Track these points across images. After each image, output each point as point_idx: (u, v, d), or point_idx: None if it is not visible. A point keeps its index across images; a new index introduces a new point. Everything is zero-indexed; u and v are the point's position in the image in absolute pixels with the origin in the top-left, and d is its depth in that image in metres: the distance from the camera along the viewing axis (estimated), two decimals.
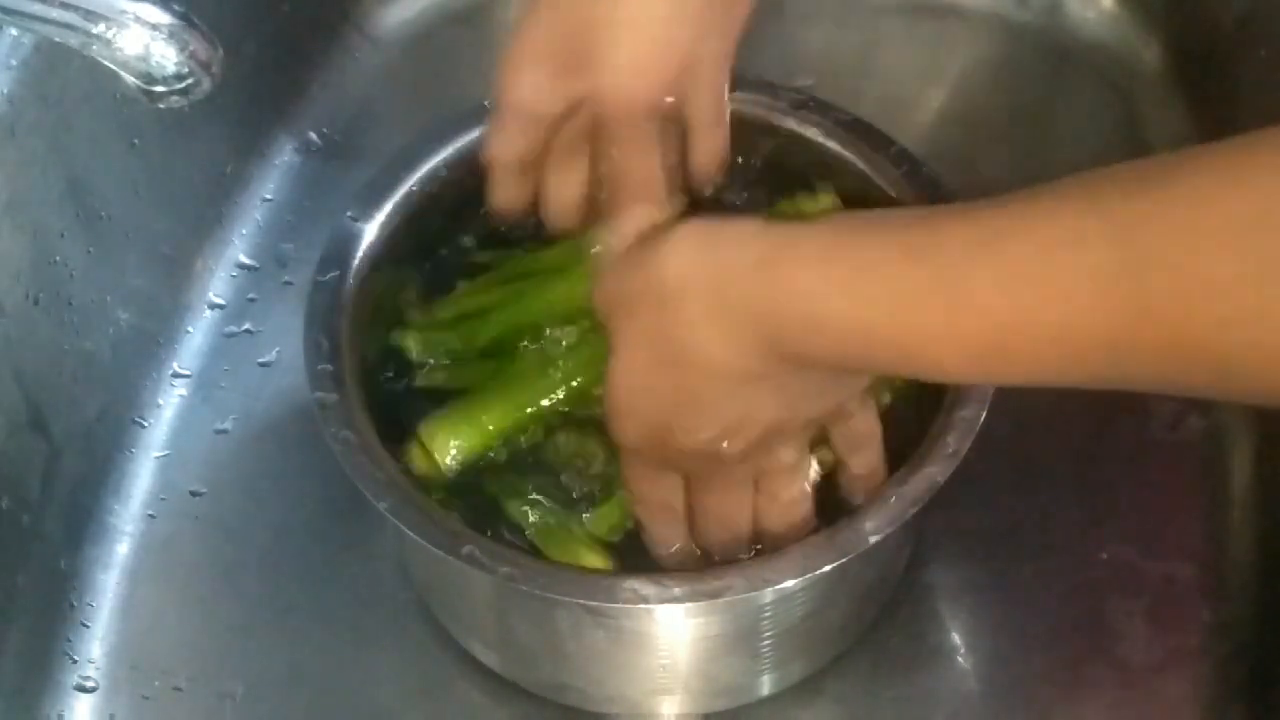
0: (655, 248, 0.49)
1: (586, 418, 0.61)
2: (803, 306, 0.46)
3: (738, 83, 0.62)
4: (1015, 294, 0.42)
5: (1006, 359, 0.43)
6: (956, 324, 0.43)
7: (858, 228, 0.47)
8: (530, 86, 0.58)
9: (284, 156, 0.82)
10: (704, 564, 0.58)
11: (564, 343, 0.61)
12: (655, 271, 0.49)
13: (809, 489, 0.57)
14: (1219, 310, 0.38)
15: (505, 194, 0.62)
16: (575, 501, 0.60)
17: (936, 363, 0.45)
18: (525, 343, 0.62)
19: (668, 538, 0.58)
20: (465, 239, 0.67)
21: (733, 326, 0.48)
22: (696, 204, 0.62)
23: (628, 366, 0.51)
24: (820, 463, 0.58)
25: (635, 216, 0.56)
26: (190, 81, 0.50)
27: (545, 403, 0.61)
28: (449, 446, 0.60)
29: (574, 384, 0.61)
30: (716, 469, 0.54)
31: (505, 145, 0.61)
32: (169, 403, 0.74)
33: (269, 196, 0.81)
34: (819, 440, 0.57)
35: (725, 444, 0.52)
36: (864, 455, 0.57)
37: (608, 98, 0.58)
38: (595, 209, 0.61)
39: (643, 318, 0.50)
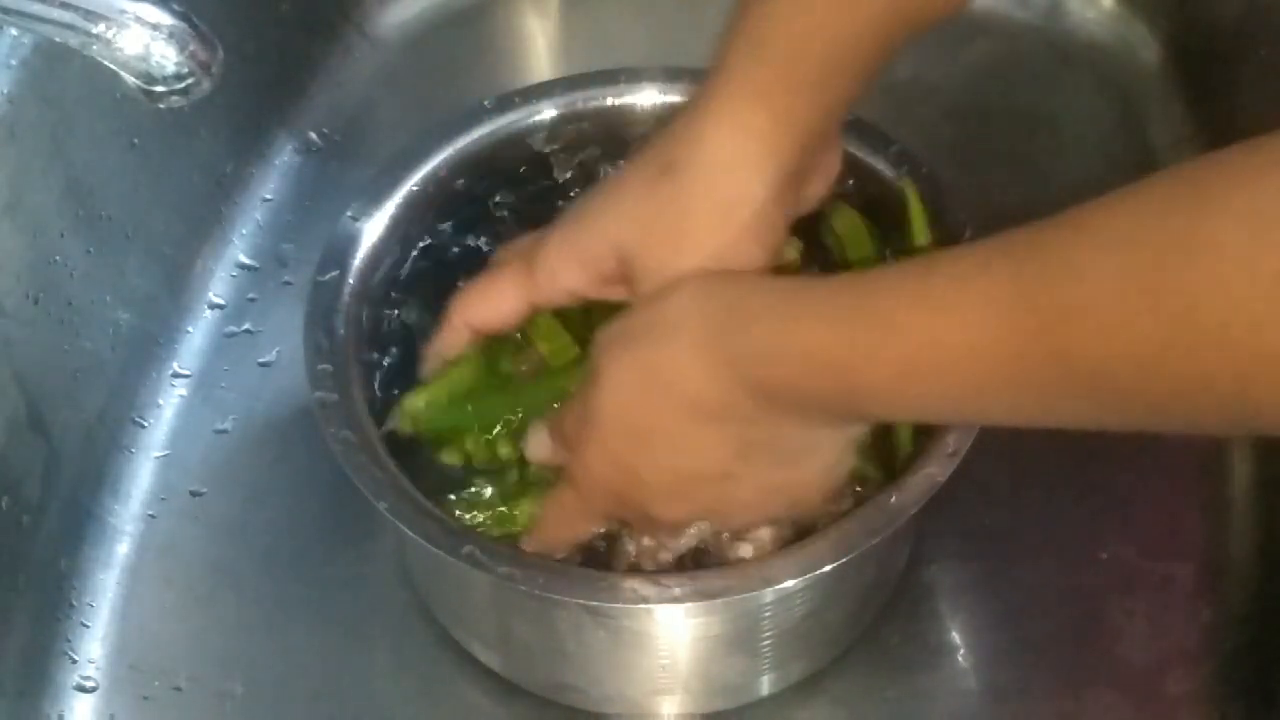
0: (663, 293, 0.54)
1: None
2: (767, 334, 0.51)
3: None
4: (929, 316, 0.46)
5: (924, 380, 0.47)
6: (883, 345, 0.47)
7: (821, 278, 0.53)
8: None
9: (284, 156, 0.82)
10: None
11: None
12: (658, 311, 0.54)
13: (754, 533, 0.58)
14: (1093, 326, 0.41)
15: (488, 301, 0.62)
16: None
17: (869, 386, 0.48)
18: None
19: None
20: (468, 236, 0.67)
21: (711, 360, 0.51)
22: None
23: (613, 390, 0.54)
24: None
25: None
26: (190, 81, 0.50)
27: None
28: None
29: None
30: (653, 526, 0.57)
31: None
32: (169, 403, 0.74)
33: (269, 196, 0.81)
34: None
35: (681, 504, 0.55)
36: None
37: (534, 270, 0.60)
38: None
39: (637, 350, 0.53)
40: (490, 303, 0.61)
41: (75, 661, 0.66)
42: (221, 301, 0.77)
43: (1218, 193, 0.38)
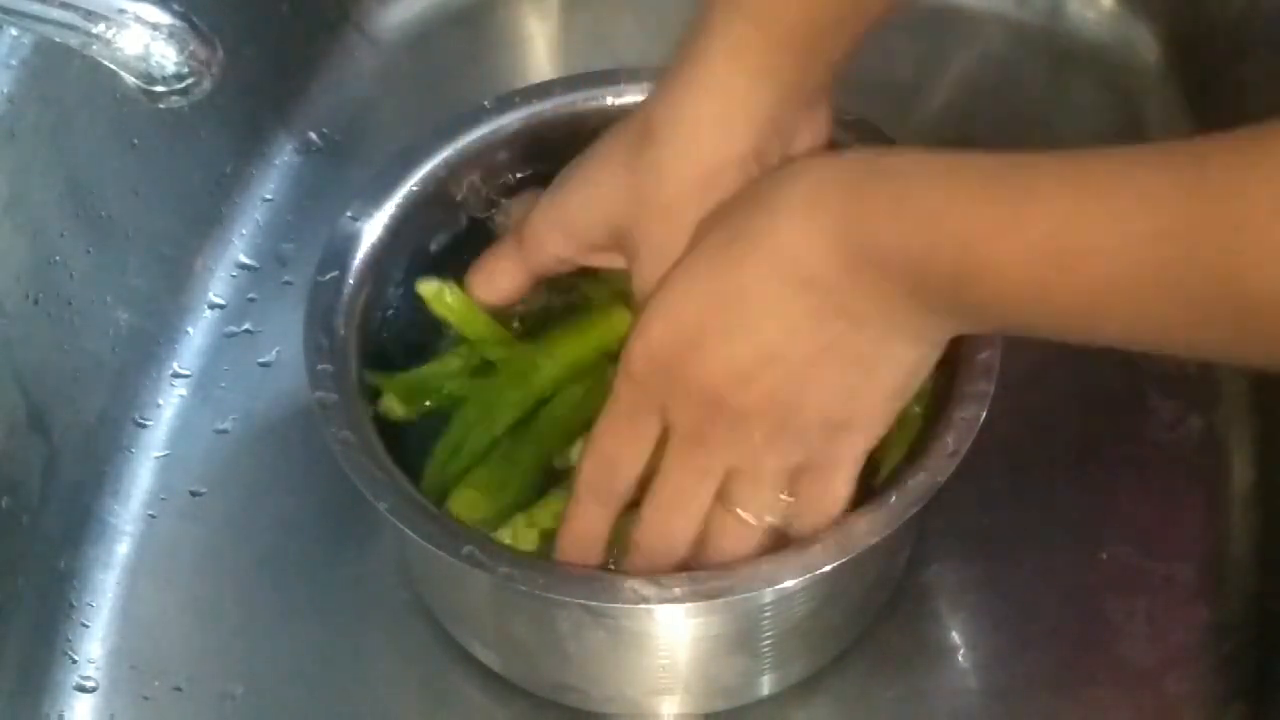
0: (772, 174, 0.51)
1: None
2: (888, 188, 0.47)
3: None
4: (1084, 200, 0.42)
5: (1056, 269, 0.43)
6: (1023, 220, 0.43)
7: (959, 152, 0.47)
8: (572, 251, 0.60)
9: (284, 156, 0.82)
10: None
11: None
12: (768, 181, 0.50)
13: (764, 522, 0.55)
14: (1262, 249, 0.38)
15: (493, 280, 0.62)
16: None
17: (993, 265, 0.44)
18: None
19: (594, 524, 0.56)
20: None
21: (820, 217, 0.48)
22: None
23: (694, 262, 0.51)
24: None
25: None
26: (190, 81, 0.50)
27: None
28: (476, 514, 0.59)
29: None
30: (704, 433, 0.52)
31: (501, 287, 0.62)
32: (169, 403, 0.74)
33: (269, 196, 0.81)
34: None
35: (740, 386, 0.50)
36: (806, 522, 0.55)
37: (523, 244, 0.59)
38: None
39: (739, 206, 0.51)
40: (489, 277, 0.61)
41: (75, 661, 0.66)
42: (221, 301, 0.77)
43: None
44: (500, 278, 0.62)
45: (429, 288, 0.63)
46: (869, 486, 0.59)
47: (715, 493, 0.54)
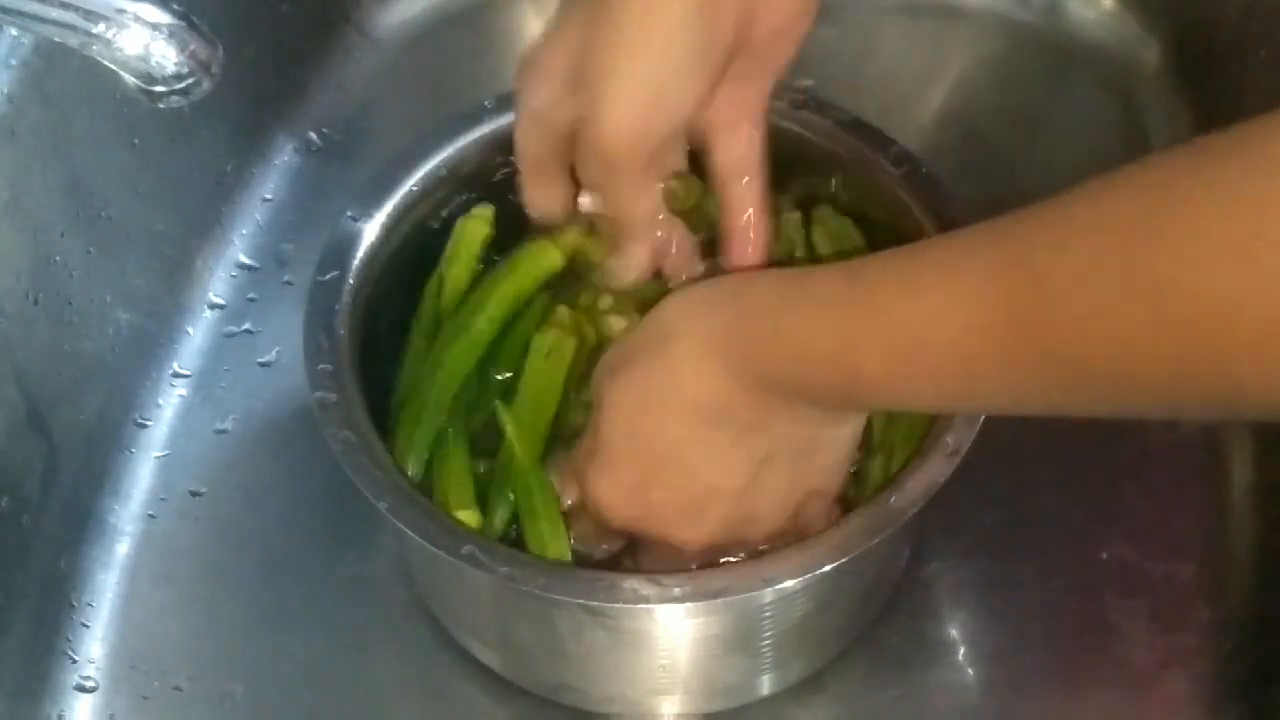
0: (653, 311, 0.55)
1: None
2: (762, 325, 0.51)
3: None
4: (915, 300, 0.46)
5: (913, 366, 0.47)
6: (874, 330, 0.48)
7: (816, 267, 0.52)
8: (542, 95, 0.57)
9: (284, 156, 0.82)
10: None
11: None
12: (652, 326, 0.54)
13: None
14: (1072, 309, 0.41)
15: (535, 193, 0.61)
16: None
17: (862, 373, 0.48)
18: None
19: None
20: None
21: (710, 361, 0.52)
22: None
23: (615, 414, 0.55)
24: None
25: (627, 259, 0.60)
26: (190, 81, 0.50)
27: None
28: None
29: None
30: (679, 550, 0.57)
31: (526, 146, 0.60)
32: (169, 403, 0.74)
33: (269, 196, 0.81)
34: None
35: (694, 521, 0.55)
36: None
37: (593, 140, 0.56)
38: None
39: (633, 368, 0.54)
40: (543, 200, 0.61)
41: (75, 661, 0.66)
42: (221, 301, 0.77)
43: (1190, 175, 0.39)
44: (534, 141, 0.59)
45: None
46: (868, 487, 0.59)
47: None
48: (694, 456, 0.54)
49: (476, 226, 0.65)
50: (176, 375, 0.74)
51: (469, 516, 0.58)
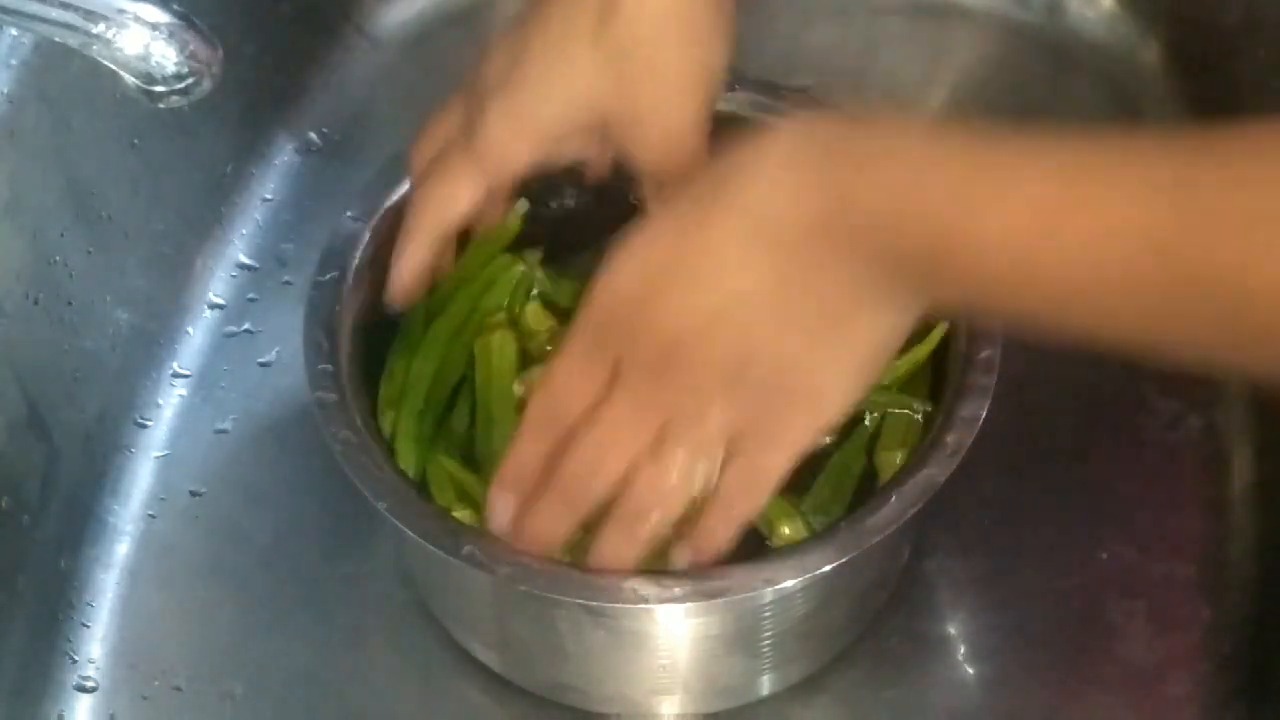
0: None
1: None
2: (865, 150, 0.45)
3: (738, 82, 0.62)
4: (1071, 182, 0.41)
5: (1036, 255, 0.41)
6: (1005, 200, 0.42)
7: (943, 123, 0.47)
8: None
9: (284, 156, 0.82)
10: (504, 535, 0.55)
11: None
12: (744, 143, 0.48)
13: (691, 474, 0.51)
14: (1256, 246, 0.38)
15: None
16: None
17: (968, 247, 0.42)
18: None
19: (529, 460, 0.53)
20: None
21: (797, 176, 0.45)
22: None
23: (658, 221, 0.49)
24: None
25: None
26: (190, 81, 0.50)
27: None
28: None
29: None
30: (653, 373, 0.49)
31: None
32: (169, 403, 0.74)
33: (269, 196, 0.81)
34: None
35: (696, 337, 0.48)
36: (721, 514, 0.52)
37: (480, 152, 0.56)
38: None
39: (708, 175, 0.48)
40: (447, 198, 0.58)
41: (75, 661, 0.66)
42: (221, 301, 0.77)
43: None
44: (459, 195, 0.58)
45: None
46: (869, 487, 0.59)
47: (653, 438, 0.51)
48: (732, 267, 0.47)
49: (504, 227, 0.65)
50: (176, 375, 0.74)
51: (461, 514, 0.58)
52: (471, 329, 0.64)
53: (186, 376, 0.75)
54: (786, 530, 0.58)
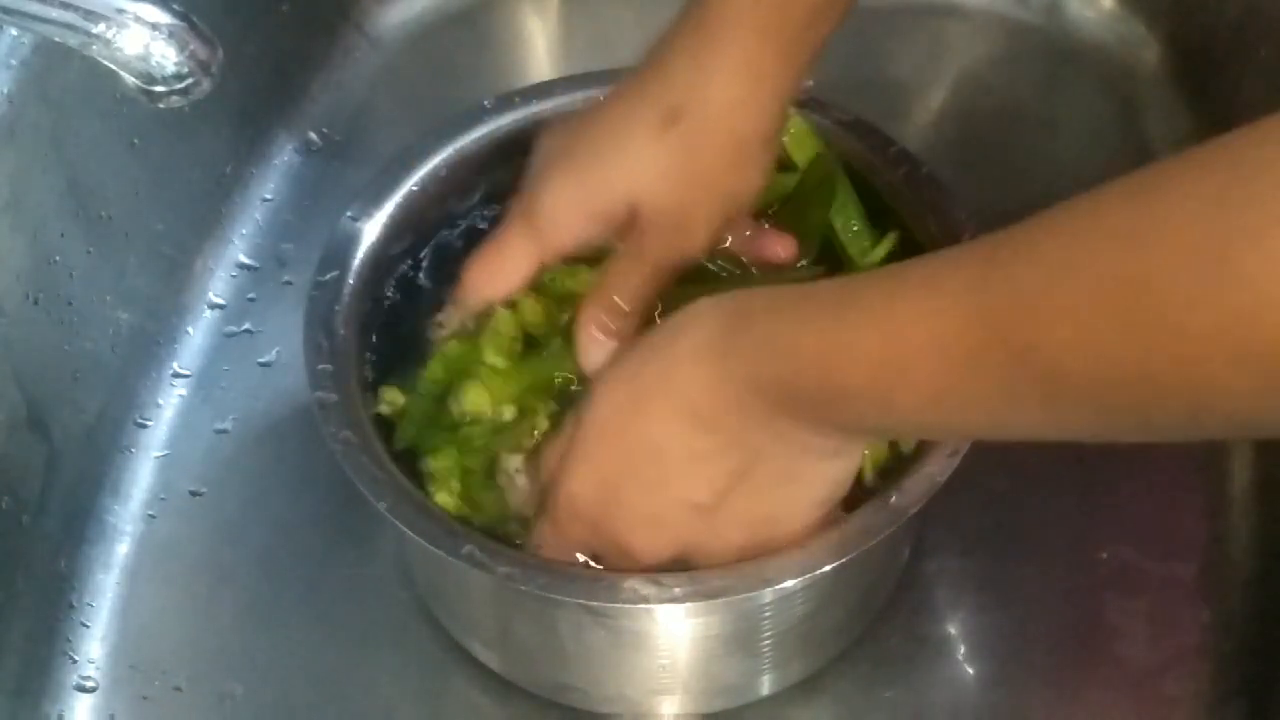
0: (673, 315, 0.54)
1: None
2: (757, 327, 0.50)
3: None
4: (900, 312, 0.45)
5: (895, 380, 0.46)
6: (858, 338, 0.47)
7: (823, 281, 0.51)
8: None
9: (284, 156, 0.82)
10: None
11: None
12: (663, 327, 0.54)
13: None
14: (1046, 314, 0.41)
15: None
16: None
17: (848, 386, 0.47)
18: None
19: None
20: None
21: (710, 363, 0.51)
22: None
23: (607, 403, 0.54)
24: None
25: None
26: (190, 81, 0.50)
27: None
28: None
29: None
30: (623, 563, 0.55)
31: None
32: (169, 403, 0.74)
33: (269, 196, 0.81)
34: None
35: (654, 536, 0.54)
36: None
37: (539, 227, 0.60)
38: None
39: (633, 361, 0.53)
40: (499, 268, 0.61)
41: (75, 661, 0.66)
42: (221, 301, 0.77)
43: (1169, 181, 0.39)
44: (510, 269, 0.60)
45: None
46: (867, 487, 0.59)
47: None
48: (673, 459, 0.52)
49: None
50: (176, 375, 0.74)
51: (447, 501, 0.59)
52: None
53: (186, 376, 0.75)
54: None
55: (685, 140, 0.56)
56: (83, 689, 0.65)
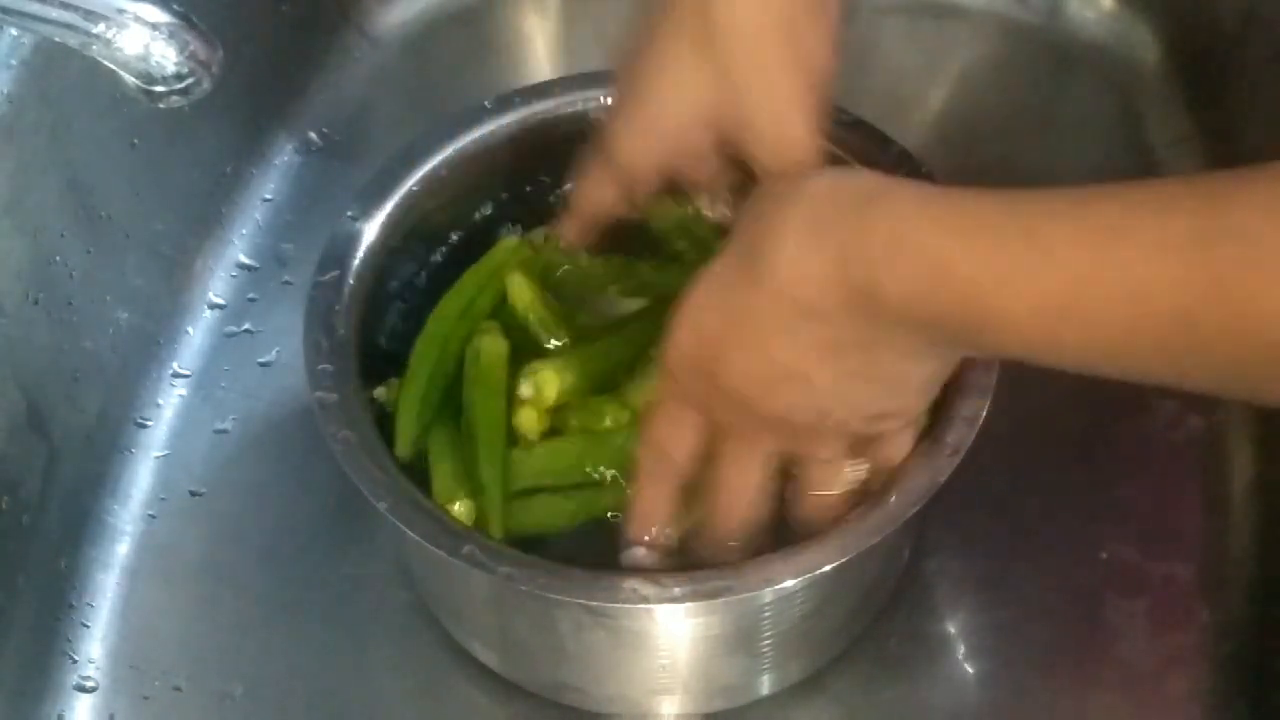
0: (761, 190, 0.52)
1: None
2: (889, 227, 0.46)
3: None
4: (1095, 247, 0.42)
5: (1075, 317, 0.43)
6: (1032, 271, 0.43)
7: (962, 188, 0.47)
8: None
9: (284, 156, 0.82)
10: (673, 561, 0.57)
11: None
12: (774, 199, 0.50)
13: (843, 491, 0.56)
14: (1260, 296, 0.39)
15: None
16: None
17: (1003, 316, 0.44)
18: None
19: (654, 504, 0.57)
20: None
21: (817, 243, 0.48)
22: None
23: (712, 274, 0.52)
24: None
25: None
26: (190, 81, 0.50)
27: None
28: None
29: None
30: (746, 429, 0.53)
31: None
32: (169, 403, 0.74)
33: (269, 196, 0.81)
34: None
35: (764, 396, 0.51)
36: (876, 475, 0.56)
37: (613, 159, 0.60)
38: None
39: (736, 241, 0.51)
40: (588, 197, 0.62)
41: (75, 661, 0.66)
42: (221, 301, 0.77)
43: None
44: (598, 196, 0.61)
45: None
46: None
47: (777, 471, 0.55)
48: (777, 336, 0.50)
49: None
50: (176, 375, 0.74)
51: (461, 510, 0.58)
52: (475, 312, 0.64)
53: (186, 376, 0.75)
54: None
55: (726, 42, 0.55)
56: (83, 689, 0.65)
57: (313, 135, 0.83)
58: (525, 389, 0.61)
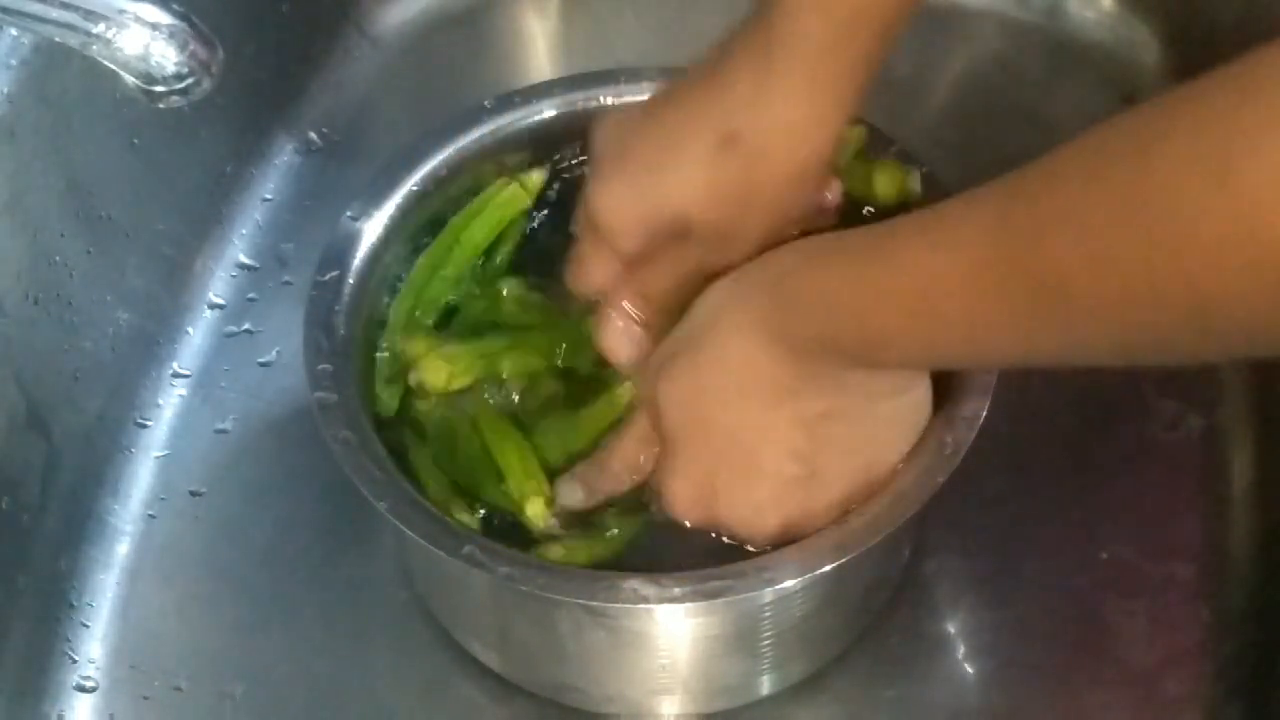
0: (699, 299, 0.56)
1: None
2: (790, 287, 0.52)
3: None
4: (929, 251, 0.47)
5: (928, 317, 0.47)
6: (891, 282, 0.48)
7: (847, 230, 0.53)
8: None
9: (284, 156, 0.82)
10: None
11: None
12: (696, 313, 0.55)
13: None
14: (1065, 238, 0.42)
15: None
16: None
17: (883, 328, 0.49)
18: None
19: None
20: None
21: (750, 332, 0.52)
22: None
23: (673, 408, 0.55)
24: None
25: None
26: (190, 81, 0.50)
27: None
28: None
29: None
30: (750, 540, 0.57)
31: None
32: (169, 403, 0.74)
33: (269, 196, 0.81)
34: None
35: (760, 513, 0.55)
36: None
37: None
38: None
39: (683, 357, 0.55)
40: (585, 278, 0.62)
41: (75, 661, 0.66)
42: (221, 301, 0.77)
43: (1173, 104, 0.40)
44: (596, 276, 0.61)
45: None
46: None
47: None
48: (752, 440, 0.54)
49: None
50: (176, 375, 0.74)
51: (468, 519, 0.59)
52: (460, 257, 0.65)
53: (186, 376, 0.75)
54: None
55: (742, 163, 0.55)
56: (83, 689, 0.65)
57: (313, 135, 0.83)
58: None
